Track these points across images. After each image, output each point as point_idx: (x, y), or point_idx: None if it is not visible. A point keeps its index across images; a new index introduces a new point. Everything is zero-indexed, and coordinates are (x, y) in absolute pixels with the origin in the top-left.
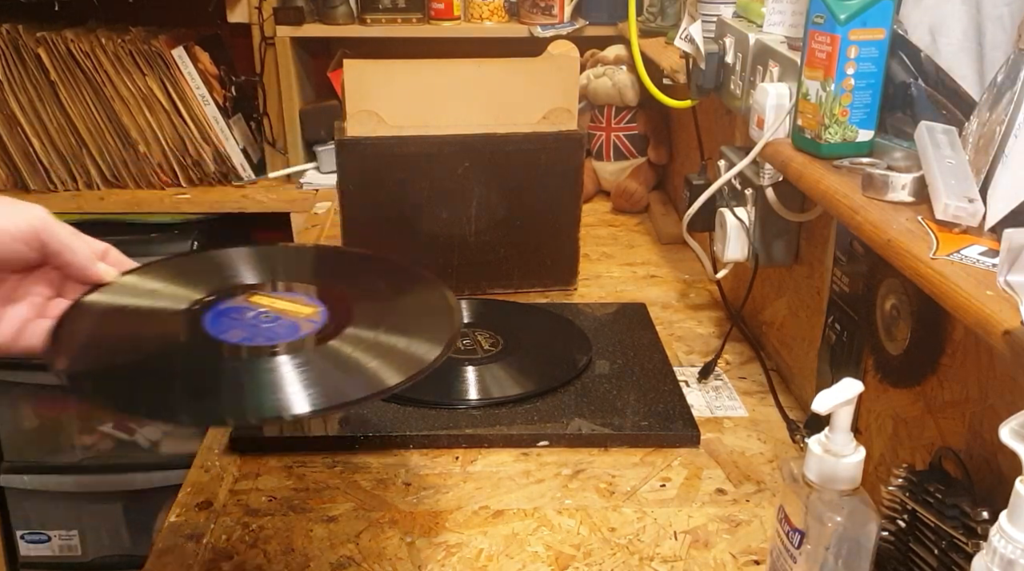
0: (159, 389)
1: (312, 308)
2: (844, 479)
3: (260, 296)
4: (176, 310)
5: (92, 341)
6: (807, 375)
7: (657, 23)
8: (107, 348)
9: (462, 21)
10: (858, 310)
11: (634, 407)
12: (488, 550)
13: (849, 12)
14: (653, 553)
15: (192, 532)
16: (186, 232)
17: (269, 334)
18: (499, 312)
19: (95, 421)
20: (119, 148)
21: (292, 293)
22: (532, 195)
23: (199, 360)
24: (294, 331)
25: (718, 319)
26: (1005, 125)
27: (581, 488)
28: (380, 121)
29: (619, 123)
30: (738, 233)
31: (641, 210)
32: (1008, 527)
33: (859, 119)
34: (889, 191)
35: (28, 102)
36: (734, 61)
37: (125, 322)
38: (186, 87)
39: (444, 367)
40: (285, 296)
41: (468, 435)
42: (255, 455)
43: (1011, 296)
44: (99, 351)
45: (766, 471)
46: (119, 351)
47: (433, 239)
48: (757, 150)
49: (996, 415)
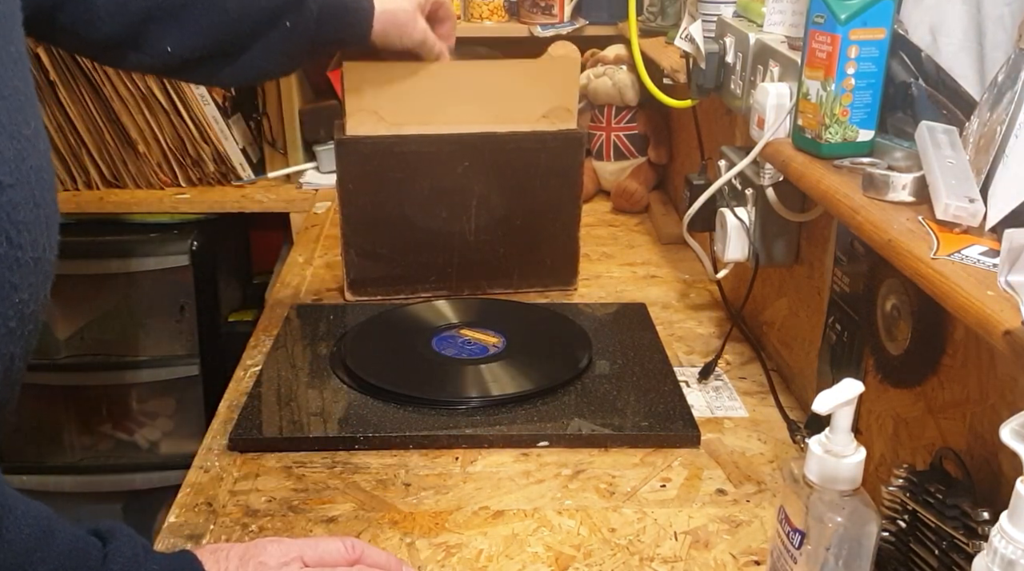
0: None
1: (497, 338)
2: (845, 479)
3: (466, 330)
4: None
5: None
6: (807, 375)
7: (657, 23)
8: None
9: (462, 21)
10: (859, 310)
11: (634, 407)
12: (488, 550)
13: (850, 12)
14: (653, 553)
15: (192, 532)
16: (185, 232)
17: (472, 350)
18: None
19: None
20: (119, 148)
21: (484, 329)
22: (532, 195)
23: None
24: (484, 351)
25: (718, 319)
26: (1006, 125)
27: (581, 488)
28: (380, 120)
29: (619, 123)
30: (738, 233)
31: (641, 210)
32: (1009, 527)
33: (859, 119)
34: (890, 191)
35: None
36: (734, 61)
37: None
38: (185, 87)
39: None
40: (480, 331)
41: (468, 435)
42: (255, 455)
43: (1012, 296)
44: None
45: (766, 471)
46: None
47: (433, 238)
48: (757, 150)
49: (997, 415)
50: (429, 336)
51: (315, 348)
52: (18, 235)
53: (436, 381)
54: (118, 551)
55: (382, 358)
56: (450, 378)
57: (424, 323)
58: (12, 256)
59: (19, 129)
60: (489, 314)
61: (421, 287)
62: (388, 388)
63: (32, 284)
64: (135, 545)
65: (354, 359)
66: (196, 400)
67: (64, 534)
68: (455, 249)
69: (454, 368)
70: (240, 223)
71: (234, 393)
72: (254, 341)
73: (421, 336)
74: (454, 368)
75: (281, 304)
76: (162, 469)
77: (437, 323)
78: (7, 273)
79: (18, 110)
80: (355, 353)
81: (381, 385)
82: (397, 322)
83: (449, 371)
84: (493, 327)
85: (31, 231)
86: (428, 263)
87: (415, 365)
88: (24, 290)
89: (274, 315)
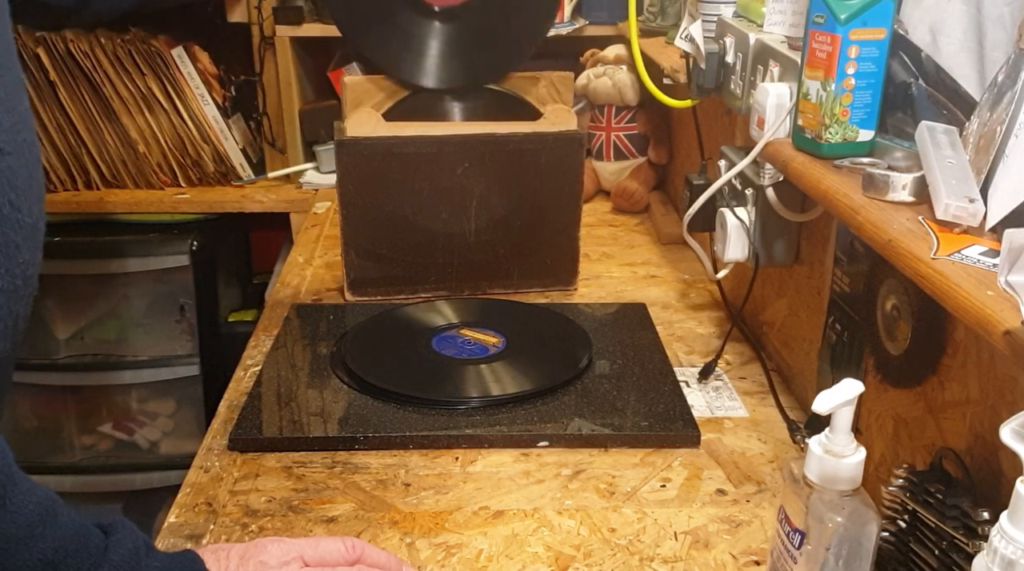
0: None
1: (497, 338)
2: (845, 479)
3: (466, 330)
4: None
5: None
6: (807, 375)
7: (657, 23)
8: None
9: None
10: (859, 310)
11: (634, 407)
12: (488, 551)
13: (850, 12)
14: (653, 554)
15: (192, 532)
16: (185, 232)
17: (471, 350)
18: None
19: (95, 421)
20: (118, 148)
21: (484, 329)
22: (532, 195)
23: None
24: (484, 351)
25: (718, 319)
26: (1006, 125)
27: (581, 488)
28: (380, 121)
29: (619, 123)
30: (738, 233)
31: (641, 210)
32: (1009, 527)
33: (859, 119)
34: (890, 191)
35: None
36: (734, 61)
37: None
38: (185, 87)
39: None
40: (480, 331)
41: (468, 435)
42: (255, 455)
43: (1012, 296)
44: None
45: (766, 471)
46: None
47: (433, 239)
48: (757, 150)
49: (997, 415)
50: (429, 336)
51: (315, 348)
52: (17, 199)
53: (436, 381)
54: (119, 543)
55: (382, 358)
56: (450, 378)
57: (424, 323)
58: (15, 218)
59: (14, 105)
60: (489, 314)
61: (421, 287)
62: (388, 388)
63: (31, 247)
64: (137, 540)
65: (354, 359)
66: (196, 400)
67: (68, 518)
68: (455, 249)
69: (454, 368)
70: (240, 223)
71: (234, 393)
72: (254, 341)
73: (421, 336)
74: (454, 368)
75: (281, 304)
76: (162, 469)
77: (437, 323)
78: (12, 234)
79: (14, 88)
80: (355, 353)
81: (381, 385)
82: (397, 322)
83: (449, 371)
84: (493, 327)
85: (27, 198)
86: (428, 263)
87: (415, 365)
88: (26, 251)
89: (274, 315)
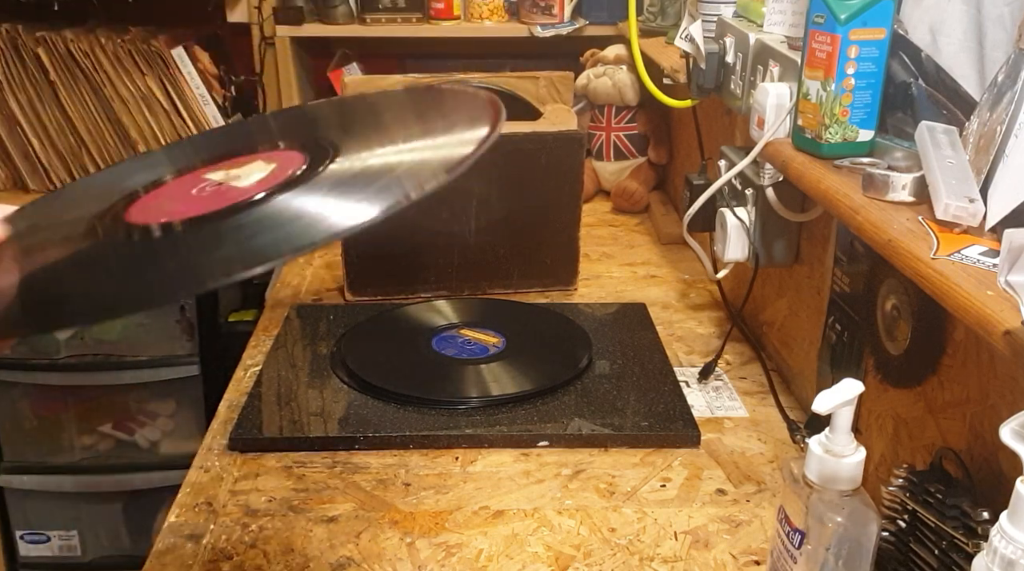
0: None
1: (497, 338)
2: (845, 479)
3: (466, 330)
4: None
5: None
6: (807, 375)
7: (657, 23)
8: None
9: (462, 21)
10: (859, 310)
11: (634, 407)
12: (488, 550)
13: (849, 12)
14: (653, 553)
15: (192, 532)
16: None
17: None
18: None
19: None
20: (119, 148)
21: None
22: (532, 195)
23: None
24: (484, 351)
25: (718, 319)
26: (1006, 125)
27: (581, 488)
28: None
29: (619, 123)
30: (738, 233)
31: (641, 210)
32: (1009, 527)
33: (859, 119)
34: (890, 191)
35: (28, 102)
36: (734, 61)
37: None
38: (186, 87)
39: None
40: (480, 331)
41: (468, 435)
42: (255, 455)
43: (1011, 296)
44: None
45: (766, 471)
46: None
47: (433, 239)
48: (757, 150)
49: (997, 415)
50: (429, 336)
51: (315, 348)
52: None
53: (436, 381)
54: None
55: (382, 358)
56: (450, 378)
57: (424, 323)
58: None
59: None
60: (489, 314)
61: (421, 287)
62: (388, 388)
63: None
64: None
65: (354, 359)
66: (196, 400)
67: None
68: (455, 249)
69: (454, 368)
70: None
71: (234, 393)
72: (254, 341)
73: (421, 336)
74: (454, 368)
75: (281, 304)
76: (162, 469)
77: (437, 323)
78: None
79: None
80: (355, 353)
81: (381, 385)
82: (397, 322)
83: (449, 371)
84: (493, 327)
85: None
86: (428, 263)
87: (415, 365)
88: None
89: (274, 315)
